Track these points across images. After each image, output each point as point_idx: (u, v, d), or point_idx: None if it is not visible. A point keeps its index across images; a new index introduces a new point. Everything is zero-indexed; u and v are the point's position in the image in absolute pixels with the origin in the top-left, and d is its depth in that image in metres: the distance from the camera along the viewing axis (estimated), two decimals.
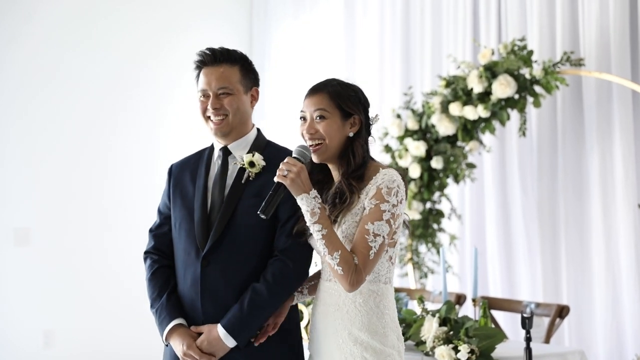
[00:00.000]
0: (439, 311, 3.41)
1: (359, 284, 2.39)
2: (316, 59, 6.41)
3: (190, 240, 2.63)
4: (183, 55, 6.51)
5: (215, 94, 2.66)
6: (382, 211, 2.40)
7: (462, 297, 4.46)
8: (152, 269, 2.71)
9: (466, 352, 3.20)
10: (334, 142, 2.49)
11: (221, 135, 2.69)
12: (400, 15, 5.87)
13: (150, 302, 2.68)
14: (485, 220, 5.36)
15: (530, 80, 4.72)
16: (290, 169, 2.40)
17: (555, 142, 5.00)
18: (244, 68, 2.71)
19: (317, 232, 2.38)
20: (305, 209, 2.40)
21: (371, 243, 2.38)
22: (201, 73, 2.72)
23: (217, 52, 2.70)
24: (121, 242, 6.15)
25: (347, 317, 2.46)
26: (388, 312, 2.48)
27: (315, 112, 2.50)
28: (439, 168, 5.06)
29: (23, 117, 5.87)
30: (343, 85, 2.55)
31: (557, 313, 3.99)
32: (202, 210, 2.63)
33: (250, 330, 2.54)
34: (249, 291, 2.54)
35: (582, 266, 4.81)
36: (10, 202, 5.80)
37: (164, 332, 2.61)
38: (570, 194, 4.91)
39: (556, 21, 4.92)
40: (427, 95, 5.17)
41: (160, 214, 2.80)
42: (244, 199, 2.59)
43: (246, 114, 2.70)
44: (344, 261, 2.36)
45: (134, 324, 6.09)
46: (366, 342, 2.43)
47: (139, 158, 6.30)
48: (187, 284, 2.62)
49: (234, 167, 2.66)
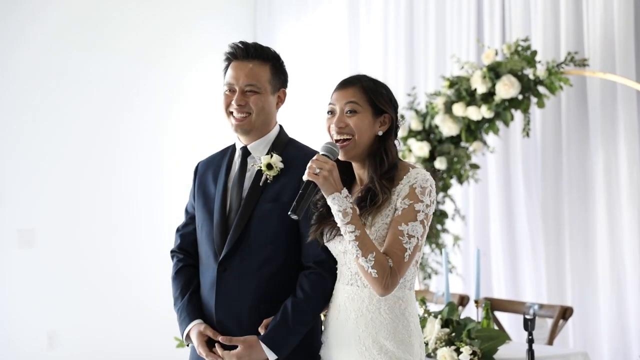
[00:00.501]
0: (441, 313, 3.40)
1: (393, 288, 2.29)
2: (320, 59, 6.40)
3: (209, 244, 2.60)
4: (188, 56, 6.55)
5: (242, 90, 2.58)
6: (417, 211, 2.30)
7: (465, 299, 4.45)
8: (177, 268, 2.70)
9: (468, 354, 3.18)
10: (363, 138, 2.39)
11: (242, 133, 2.62)
12: (404, 16, 5.86)
13: (173, 300, 2.67)
14: (489, 221, 5.34)
15: (534, 80, 4.70)
16: (322, 167, 2.28)
17: (560, 142, 4.98)
18: (275, 67, 2.65)
19: (349, 233, 2.27)
20: (336, 209, 2.28)
21: (406, 245, 2.28)
22: (230, 66, 2.63)
23: (250, 47, 2.62)
24: (126, 243, 6.15)
25: (372, 325, 2.36)
26: (413, 320, 2.39)
27: (346, 105, 2.40)
28: (443, 169, 5.05)
29: (29, 118, 5.87)
30: (376, 81, 2.46)
31: (560, 314, 3.97)
32: (220, 213, 2.58)
33: (292, 344, 2.49)
34: (291, 305, 2.47)
35: (587, 267, 4.79)
36: (15, 204, 5.80)
37: (184, 332, 2.59)
38: (574, 195, 4.88)
39: (560, 21, 4.90)
40: (430, 95, 5.16)
41: (187, 213, 2.77)
42: (261, 203, 2.54)
43: (270, 114, 2.63)
44: (378, 264, 2.26)
45: (139, 325, 6.10)
46: (392, 351, 2.34)
47: (145, 159, 6.30)
48: (206, 287, 2.60)
49: (253, 169, 2.59)
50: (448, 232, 5.24)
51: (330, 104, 2.45)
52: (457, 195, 5.38)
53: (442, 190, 5.18)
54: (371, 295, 2.37)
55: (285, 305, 2.48)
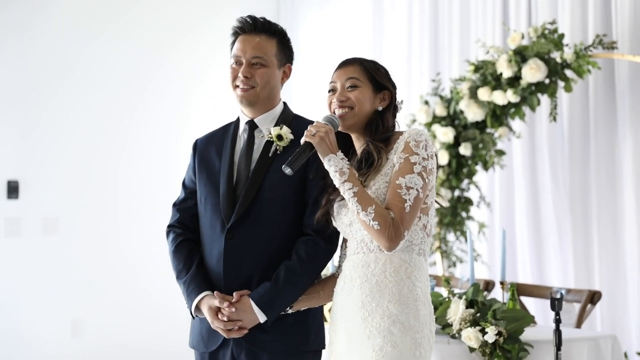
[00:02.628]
0: (465, 293, 3.34)
1: (398, 240, 2.29)
2: (344, 47, 6.35)
3: (216, 215, 2.60)
4: (209, 46, 6.51)
5: (248, 62, 2.62)
6: (412, 163, 2.33)
7: (490, 284, 4.39)
8: (176, 242, 2.68)
9: (493, 334, 3.13)
10: (363, 110, 2.45)
11: (247, 104, 2.64)
12: (428, 1, 5.80)
13: (175, 274, 2.66)
14: (515, 207, 5.27)
15: (561, 64, 4.62)
16: (319, 130, 2.36)
17: (587, 127, 4.89)
18: (281, 43, 2.68)
19: (348, 190, 2.31)
20: (333, 170, 2.34)
21: (405, 196, 2.30)
22: (237, 40, 2.67)
23: (259, 21, 2.66)
24: (149, 231, 6.15)
25: (377, 288, 2.34)
26: (420, 285, 2.37)
27: (347, 81, 2.47)
28: (468, 155, 4.98)
29: (47, 108, 5.88)
30: (374, 61, 2.54)
31: (588, 299, 3.89)
32: (227, 185, 2.60)
33: (281, 307, 2.50)
34: (283, 268, 2.51)
35: (615, 253, 4.71)
36: (39, 192, 5.82)
37: (192, 304, 2.58)
38: (602, 180, 4.80)
39: (588, 3, 4.81)
40: (455, 81, 5.10)
41: (185, 188, 2.77)
42: (270, 173, 2.56)
43: (275, 88, 2.67)
44: (379, 215, 2.28)
45: (161, 313, 6.09)
46: (395, 315, 2.31)
47: (165, 147, 6.29)
48: (213, 259, 2.59)
49: (261, 141, 2.62)
50: (473, 219, 5.18)
51: (331, 82, 2.52)
52: (482, 182, 5.31)
53: (467, 177, 5.12)
54: (377, 259, 2.37)
55: (279, 268, 2.52)
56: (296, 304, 2.54)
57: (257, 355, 2.52)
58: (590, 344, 3.36)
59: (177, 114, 6.36)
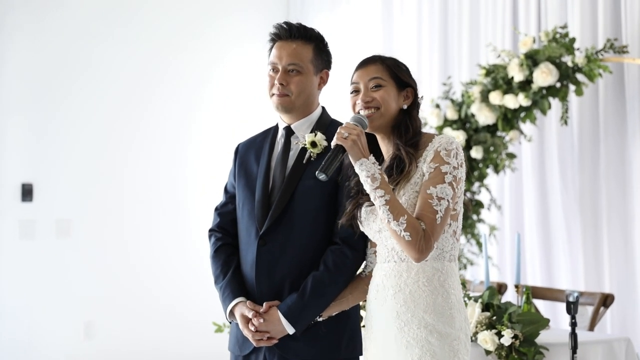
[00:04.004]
0: (481, 297, 3.38)
1: (428, 252, 2.27)
2: (354, 50, 6.38)
3: (251, 221, 2.61)
4: (218, 46, 6.55)
5: (284, 69, 2.62)
6: (444, 173, 2.30)
7: (503, 287, 4.42)
8: (216, 247, 2.71)
9: (510, 337, 3.16)
10: (389, 110, 2.42)
11: (283, 111, 2.65)
12: (437, 5, 5.83)
13: (214, 278, 2.69)
14: (525, 210, 5.30)
15: (573, 68, 4.65)
16: (351, 132, 2.31)
17: (597, 131, 4.92)
18: (318, 48, 2.67)
19: (379, 197, 2.27)
20: (365, 175, 2.30)
21: (436, 207, 2.27)
22: (274, 47, 2.66)
23: (294, 27, 2.66)
24: (162, 233, 6.19)
25: (411, 299, 2.32)
26: (454, 292, 2.35)
27: (370, 81, 2.43)
28: (479, 158, 5.01)
29: (59, 111, 5.93)
30: (394, 59, 2.50)
31: (601, 301, 3.93)
32: (263, 190, 2.61)
33: (309, 318, 2.51)
34: (310, 279, 2.51)
35: (625, 256, 4.73)
36: (53, 195, 5.87)
37: (227, 309, 2.61)
38: (612, 184, 4.83)
39: (598, 7, 4.84)
40: (466, 84, 5.13)
41: (226, 192, 2.78)
42: (304, 180, 2.56)
43: (312, 95, 2.66)
44: (411, 226, 2.24)
45: (174, 315, 6.13)
46: (432, 324, 2.30)
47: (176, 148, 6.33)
48: (247, 264, 2.61)
49: (297, 147, 2.63)
50: (484, 222, 5.21)
51: (353, 83, 2.48)
52: (493, 185, 5.35)
53: (478, 180, 5.15)
54: (409, 269, 2.35)
55: (306, 279, 2.52)
56: (326, 311, 2.54)
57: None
58: (605, 347, 3.40)
59: (188, 114, 6.40)
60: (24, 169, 5.80)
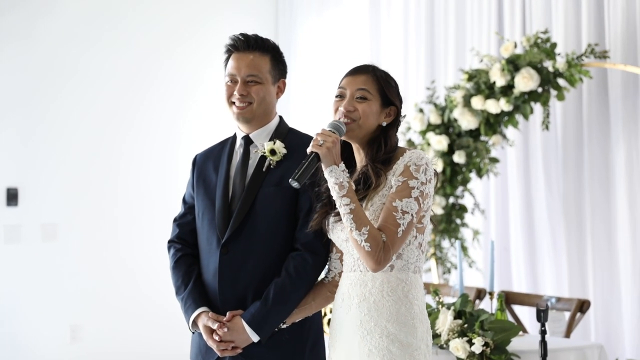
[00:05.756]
0: (454, 304, 3.38)
1: (385, 263, 2.31)
2: (341, 54, 6.40)
3: (212, 230, 2.63)
4: (207, 50, 6.54)
5: (243, 81, 2.64)
6: (411, 188, 2.33)
7: (482, 292, 4.42)
8: (176, 258, 2.72)
9: (480, 345, 3.17)
10: (367, 124, 2.43)
11: (243, 121, 2.67)
12: (424, 10, 5.84)
13: (175, 289, 2.70)
14: (509, 215, 5.30)
15: (554, 73, 4.65)
16: (326, 139, 2.33)
17: (581, 135, 4.93)
18: (275, 59, 2.70)
19: (345, 205, 2.30)
20: (333, 181, 2.32)
21: (399, 220, 2.30)
22: (231, 57, 2.70)
23: (251, 38, 2.69)
24: (148, 237, 6.19)
25: (375, 308, 2.36)
26: (417, 303, 2.39)
27: (357, 91, 2.45)
28: (462, 162, 5.02)
29: (46, 115, 5.92)
30: (387, 73, 2.52)
31: (577, 307, 3.93)
32: (223, 199, 2.63)
33: (274, 325, 2.53)
34: (272, 286, 2.52)
35: (609, 261, 4.74)
36: (38, 199, 5.87)
37: (190, 320, 2.61)
38: (595, 188, 4.83)
39: (581, 13, 4.85)
40: (449, 89, 5.13)
41: (184, 203, 2.81)
42: (264, 187, 2.58)
43: (271, 104, 2.69)
44: (371, 237, 2.29)
45: (161, 318, 6.13)
46: (394, 334, 2.34)
47: (165, 153, 6.34)
48: (209, 273, 2.62)
49: (256, 156, 2.65)
50: (467, 226, 5.21)
51: (340, 87, 2.49)
52: (477, 190, 5.35)
53: (462, 184, 5.15)
54: (374, 278, 2.38)
55: (269, 286, 2.54)
56: (289, 318, 2.55)
57: None
58: (577, 354, 3.40)
59: (177, 119, 6.40)
60: (9, 174, 5.80)
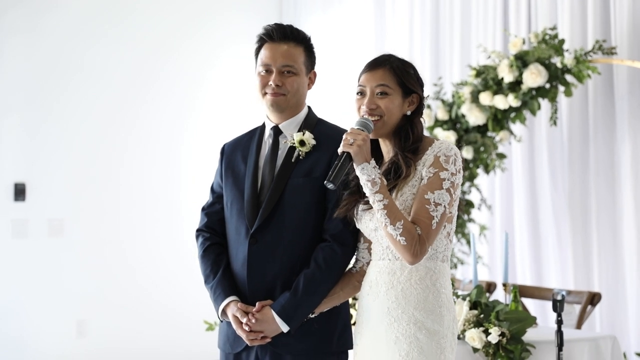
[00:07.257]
0: (469, 295, 3.41)
1: (422, 255, 2.33)
2: (346, 51, 6.43)
3: (240, 220, 2.63)
4: (212, 46, 6.58)
5: (279, 71, 2.64)
6: (442, 180, 2.34)
7: (492, 285, 4.46)
8: (204, 247, 2.72)
9: (497, 334, 3.20)
10: (392, 119, 2.45)
11: (277, 110, 2.66)
12: (429, 6, 5.87)
13: (204, 278, 2.70)
14: (515, 210, 5.34)
15: (562, 69, 4.69)
16: (356, 138, 2.34)
17: (586, 131, 4.97)
18: (308, 49, 2.71)
19: (378, 202, 2.32)
20: (365, 178, 2.33)
21: (433, 212, 2.32)
22: (264, 47, 2.68)
23: (287, 28, 2.69)
24: (155, 232, 6.22)
25: (402, 296, 2.38)
26: (444, 292, 2.41)
27: (377, 87, 2.46)
28: (469, 158, 5.05)
29: (52, 110, 5.95)
30: (404, 61, 2.52)
31: (588, 300, 3.97)
32: (252, 189, 2.63)
33: (303, 316, 2.54)
34: (302, 277, 2.53)
35: (614, 255, 4.78)
36: (45, 194, 5.89)
37: (219, 309, 2.62)
38: (601, 184, 4.87)
39: (588, 9, 4.89)
40: (457, 85, 5.17)
41: (212, 192, 2.80)
42: (293, 178, 2.59)
43: (303, 95, 2.70)
44: (406, 231, 2.30)
45: (167, 313, 6.15)
46: (421, 321, 2.36)
47: (170, 148, 6.36)
48: (238, 263, 2.63)
49: (285, 146, 2.65)
50: (474, 221, 5.25)
51: (359, 85, 2.50)
52: (483, 185, 5.38)
53: (469, 179, 5.18)
54: (402, 267, 2.40)
55: (298, 277, 2.54)
56: (318, 308, 2.56)
57: (281, 357, 2.56)
58: (591, 345, 3.43)
59: (181, 115, 6.43)
60: (17, 169, 5.82)
